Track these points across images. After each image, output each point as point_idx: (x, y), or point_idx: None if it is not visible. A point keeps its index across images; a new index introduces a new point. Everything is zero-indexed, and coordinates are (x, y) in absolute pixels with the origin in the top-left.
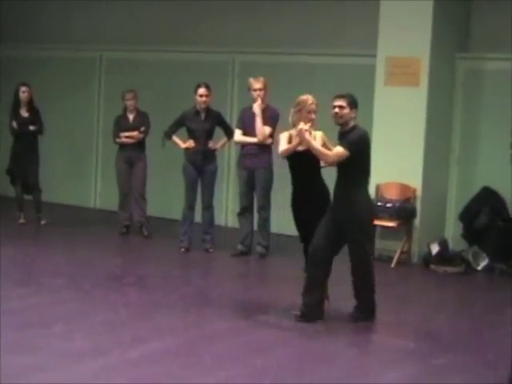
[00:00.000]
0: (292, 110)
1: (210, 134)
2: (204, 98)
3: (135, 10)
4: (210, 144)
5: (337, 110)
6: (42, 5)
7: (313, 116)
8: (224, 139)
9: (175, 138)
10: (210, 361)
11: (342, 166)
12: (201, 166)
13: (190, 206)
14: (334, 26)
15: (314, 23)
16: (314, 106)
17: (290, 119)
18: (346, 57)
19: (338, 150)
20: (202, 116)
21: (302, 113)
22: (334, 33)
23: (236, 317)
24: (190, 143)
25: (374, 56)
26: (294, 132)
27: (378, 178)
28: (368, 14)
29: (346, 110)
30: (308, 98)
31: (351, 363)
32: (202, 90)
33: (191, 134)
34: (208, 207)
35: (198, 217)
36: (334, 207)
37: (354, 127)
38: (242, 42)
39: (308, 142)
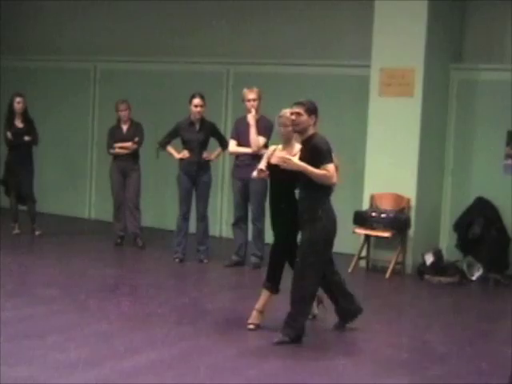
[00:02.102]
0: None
1: (204, 145)
2: (199, 109)
3: (129, 21)
4: (205, 155)
5: (293, 117)
6: (36, 16)
7: (282, 129)
8: (218, 150)
9: (170, 149)
10: (203, 372)
11: (307, 179)
12: (195, 176)
13: (185, 217)
14: (328, 36)
15: (309, 34)
16: (282, 120)
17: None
18: (341, 67)
19: (330, 167)
20: (197, 126)
21: (276, 127)
22: (328, 43)
23: (230, 328)
24: (185, 154)
25: (369, 67)
26: (279, 147)
27: (372, 189)
28: (362, 24)
29: (304, 117)
30: (281, 113)
31: (344, 374)
32: (196, 101)
33: (186, 145)
34: (202, 218)
35: (192, 227)
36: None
37: (315, 135)
38: (236, 53)
39: (303, 168)
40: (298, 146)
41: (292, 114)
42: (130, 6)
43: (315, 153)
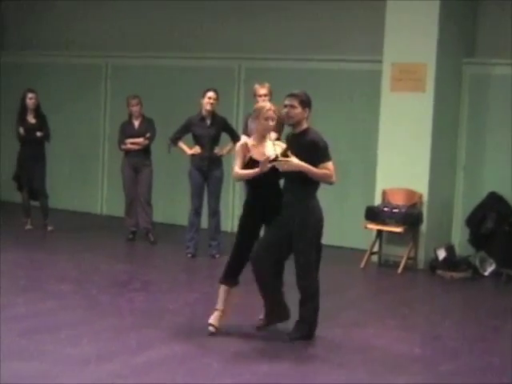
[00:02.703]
0: (249, 119)
1: (215, 140)
2: (212, 101)
3: (141, 16)
4: (216, 150)
5: (287, 109)
6: (47, 11)
7: (270, 123)
8: (230, 145)
9: (181, 144)
10: (216, 367)
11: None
12: (207, 171)
13: (197, 212)
14: (339, 31)
15: (320, 29)
16: (271, 113)
17: (249, 127)
18: (352, 62)
19: (330, 165)
20: (208, 122)
21: (260, 120)
22: (339, 38)
23: (242, 323)
24: (196, 149)
25: (380, 62)
26: (249, 141)
27: (384, 184)
28: (374, 19)
29: (298, 110)
30: (265, 105)
31: (356, 370)
32: (210, 93)
33: (197, 140)
34: (214, 213)
35: (204, 223)
36: (285, 216)
37: (309, 129)
38: (247, 48)
39: (305, 169)
40: (269, 141)
41: (285, 106)
42: (141, 1)
43: (313, 149)
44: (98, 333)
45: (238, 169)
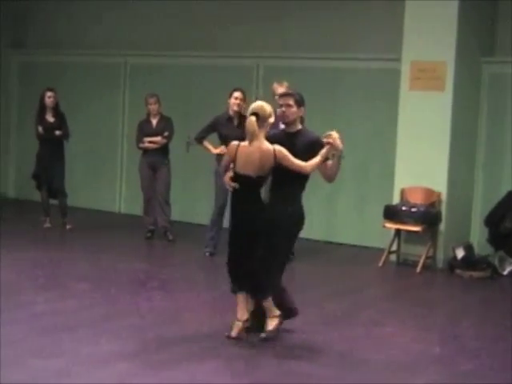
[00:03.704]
0: (253, 118)
1: (242, 141)
2: (238, 101)
3: (160, 15)
4: None
5: (283, 108)
6: (66, 10)
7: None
8: None
9: (206, 144)
10: (235, 366)
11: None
12: None
13: (220, 212)
14: (358, 30)
15: (338, 27)
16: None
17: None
18: (371, 61)
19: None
20: (235, 122)
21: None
22: (358, 37)
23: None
24: (223, 149)
25: (399, 60)
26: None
27: (403, 183)
28: (393, 17)
29: (293, 109)
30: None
31: (376, 368)
32: (237, 94)
33: (224, 140)
34: None
35: (225, 222)
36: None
37: (303, 128)
38: (266, 46)
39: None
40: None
41: (281, 106)
42: (160, 0)
43: (316, 146)
44: (117, 331)
45: (303, 163)
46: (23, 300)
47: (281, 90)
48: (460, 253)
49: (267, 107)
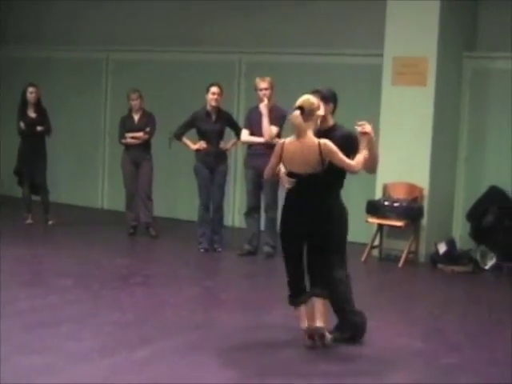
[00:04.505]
0: (297, 112)
1: (221, 135)
2: (216, 96)
3: (142, 10)
4: (222, 145)
5: None
6: (48, 5)
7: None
8: (234, 140)
9: (185, 140)
10: (217, 361)
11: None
12: (213, 166)
13: (206, 207)
14: (340, 25)
15: (321, 23)
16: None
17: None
18: (353, 56)
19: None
20: (213, 117)
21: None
22: (340, 32)
23: (243, 317)
24: (201, 144)
25: (381, 56)
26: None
27: (385, 178)
28: (374, 13)
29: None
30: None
31: (359, 363)
32: (214, 89)
33: (202, 135)
34: (218, 208)
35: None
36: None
37: (336, 124)
38: (248, 42)
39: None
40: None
41: None
42: None
43: (351, 142)
44: (100, 327)
45: (352, 161)
46: (6, 296)
47: (263, 84)
48: (442, 248)
49: (313, 100)
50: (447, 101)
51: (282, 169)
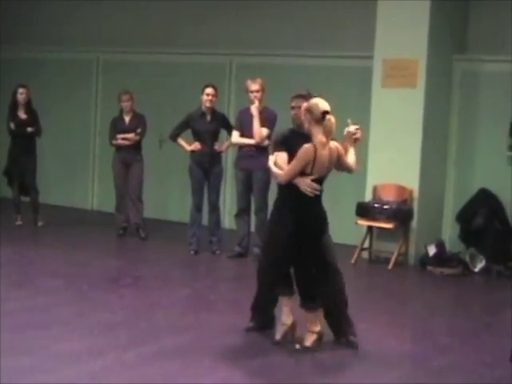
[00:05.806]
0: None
1: (215, 136)
2: (210, 97)
3: (132, 11)
4: (216, 146)
5: (294, 111)
6: (38, 6)
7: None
8: (228, 141)
9: (180, 141)
10: (207, 362)
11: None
12: (208, 167)
13: (198, 208)
14: (330, 27)
15: (311, 25)
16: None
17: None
18: (343, 58)
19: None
20: (208, 118)
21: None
22: (330, 34)
23: (233, 319)
24: (196, 145)
25: (371, 58)
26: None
27: (375, 180)
28: (365, 15)
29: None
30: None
31: (348, 365)
32: (209, 90)
33: (197, 136)
34: (214, 209)
35: (203, 220)
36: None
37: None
38: (239, 44)
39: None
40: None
41: (293, 108)
42: None
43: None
44: (90, 328)
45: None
46: None
47: (254, 86)
48: (432, 250)
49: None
50: (437, 103)
51: (273, 167)
